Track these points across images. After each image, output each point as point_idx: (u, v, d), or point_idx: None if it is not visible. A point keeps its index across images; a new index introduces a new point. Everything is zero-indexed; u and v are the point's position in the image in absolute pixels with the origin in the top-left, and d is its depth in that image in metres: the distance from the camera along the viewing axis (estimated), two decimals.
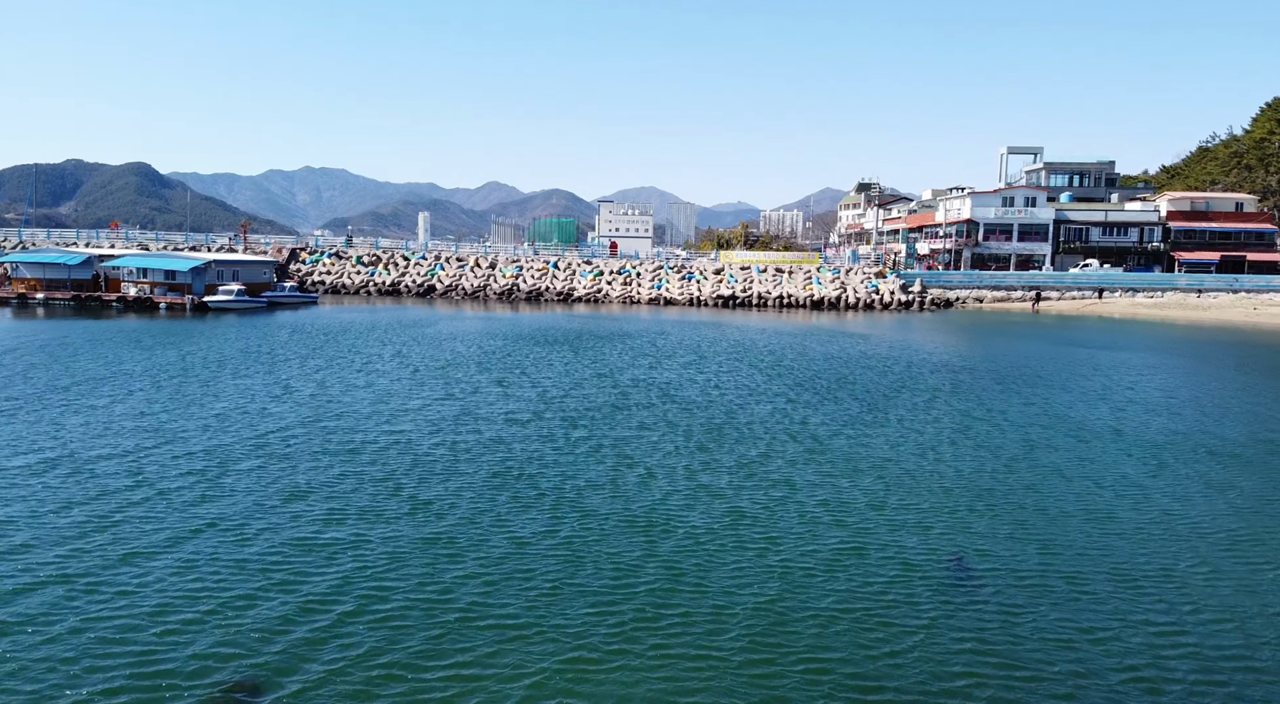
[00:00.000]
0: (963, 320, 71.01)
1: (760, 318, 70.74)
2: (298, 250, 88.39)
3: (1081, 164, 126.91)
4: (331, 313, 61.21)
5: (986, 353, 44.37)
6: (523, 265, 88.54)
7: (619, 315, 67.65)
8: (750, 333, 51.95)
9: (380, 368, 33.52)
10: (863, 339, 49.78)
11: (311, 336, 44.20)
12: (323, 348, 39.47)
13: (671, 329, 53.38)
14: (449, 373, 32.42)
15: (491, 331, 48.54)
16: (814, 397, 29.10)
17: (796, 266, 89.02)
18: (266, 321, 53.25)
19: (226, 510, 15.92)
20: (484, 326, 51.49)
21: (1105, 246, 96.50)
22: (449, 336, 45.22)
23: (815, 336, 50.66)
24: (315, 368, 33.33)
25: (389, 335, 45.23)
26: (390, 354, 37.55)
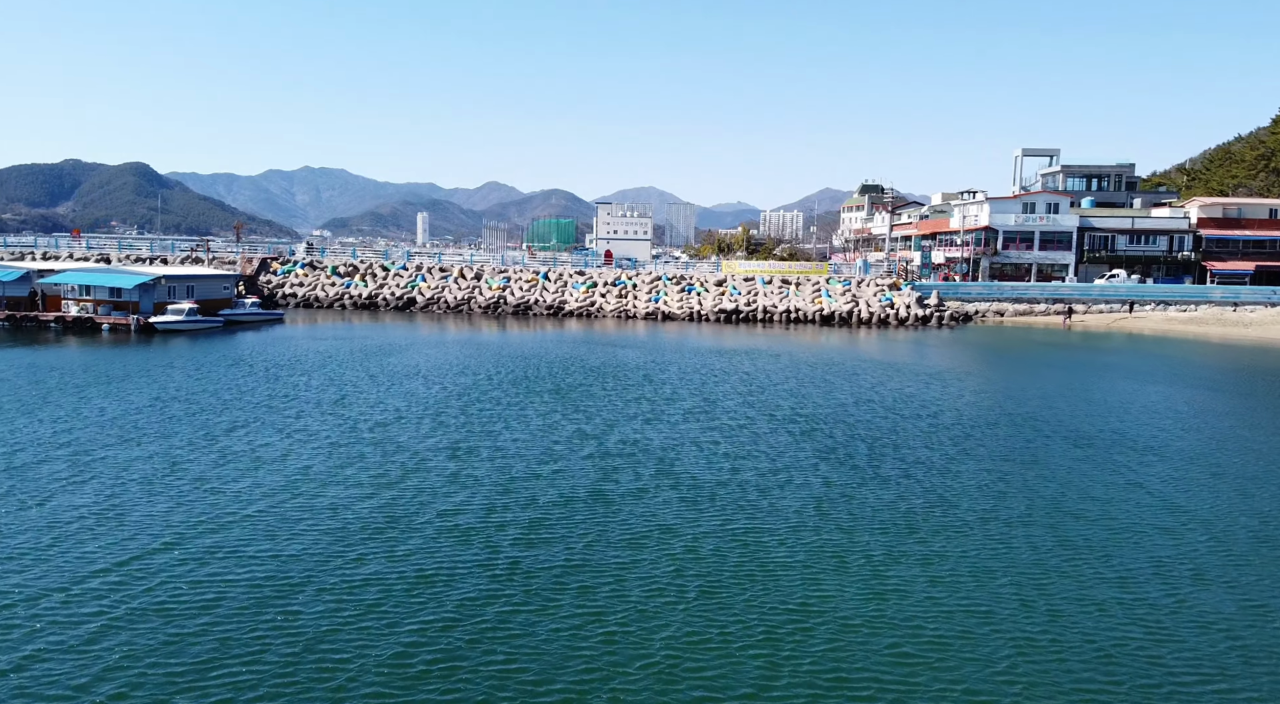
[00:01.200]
0: (988, 339, 65.03)
1: (766, 336, 64.78)
2: (268, 260, 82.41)
3: (1100, 167, 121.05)
4: (292, 336, 55.24)
5: (1037, 392, 38.35)
6: (511, 276, 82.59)
7: (613, 335, 61.70)
8: (761, 361, 45.95)
9: (309, 427, 27.53)
10: (890, 370, 43.77)
11: (252, 373, 38.22)
12: (254, 391, 33.47)
13: (671, 356, 47.42)
14: (392, 435, 26.38)
15: (465, 364, 42.56)
16: (857, 477, 22.95)
17: (804, 277, 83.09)
18: (213, 348, 47.27)
19: None
20: (458, 356, 45.51)
21: (1132, 256, 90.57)
22: (412, 372, 39.24)
23: (835, 367, 44.67)
24: (227, 426, 27.34)
25: (343, 370, 39.24)
26: (331, 401, 31.55)
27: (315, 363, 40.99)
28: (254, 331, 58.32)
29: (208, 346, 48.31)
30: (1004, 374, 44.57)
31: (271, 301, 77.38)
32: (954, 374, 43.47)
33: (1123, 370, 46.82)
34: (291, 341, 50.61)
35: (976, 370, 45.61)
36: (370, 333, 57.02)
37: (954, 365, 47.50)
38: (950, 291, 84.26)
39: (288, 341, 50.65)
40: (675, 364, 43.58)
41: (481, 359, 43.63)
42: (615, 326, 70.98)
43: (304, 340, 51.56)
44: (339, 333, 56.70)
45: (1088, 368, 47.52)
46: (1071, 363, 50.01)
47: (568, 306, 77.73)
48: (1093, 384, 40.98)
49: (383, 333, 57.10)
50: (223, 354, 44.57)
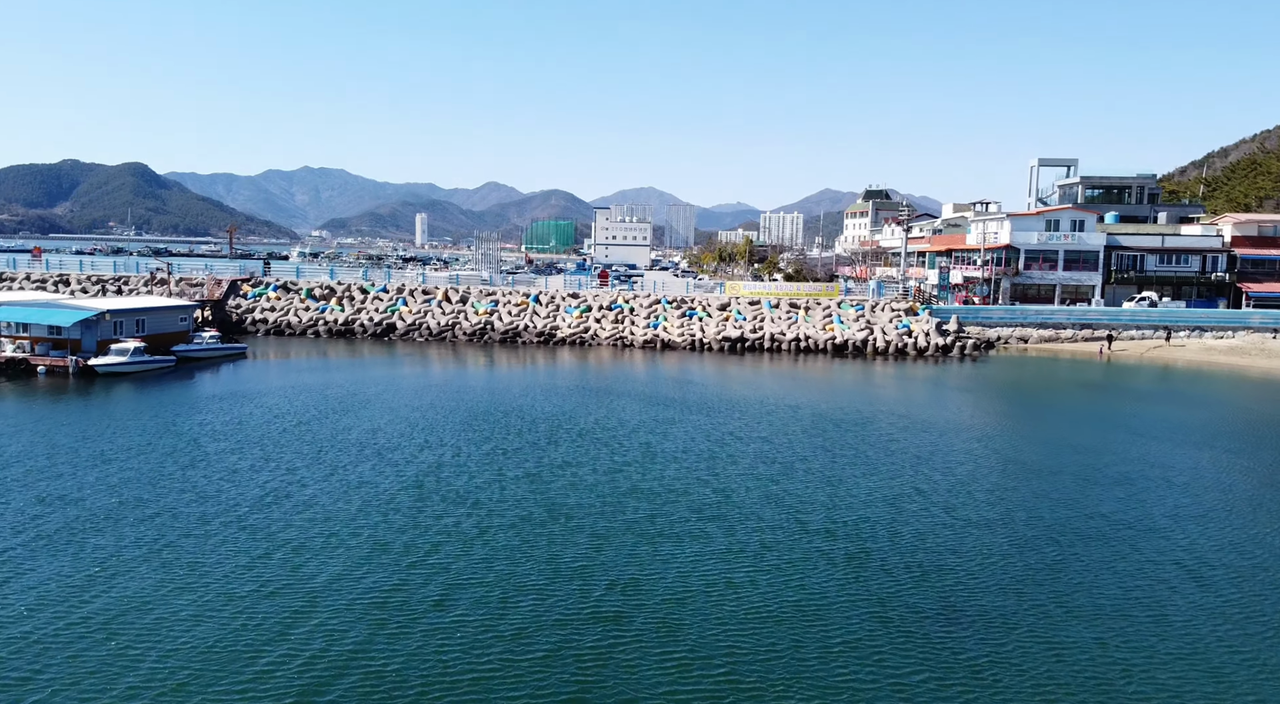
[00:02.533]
0: (1018, 374, 59.42)
1: (775, 370, 59.18)
2: (238, 282, 76.76)
3: (1122, 179, 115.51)
4: (247, 378, 49.61)
5: (1112, 466, 32.72)
6: (499, 299, 76.97)
7: (609, 372, 56.09)
8: (778, 420, 40.25)
9: (200, 559, 21.91)
10: (931, 432, 38.11)
11: (170, 447, 32.57)
12: (156, 485, 27.81)
13: (674, 411, 41.75)
14: (309, 576, 20.66)
15: (431, 429, 36.92)
16: (929, 634, 17.46)
17: (814, 300, 77.51)
18: (146, 400, 41.66)
19: None
20: (427, 416, 39.82)
21: (1162, 276, 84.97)
22: (365, 447, 33.59)
23: (862, 427, 39.03)
24: (57, 572, 21.66)
25: (285, 443, 33.57)
26: (250, 505, 25.82)
27: (256, 428, 35.36)
28: (210, 371, 52.74)
29: (142, 398, 42.73)
30: (1057, 430, 38.93)
31: (240, 328, 71.81)
32: (994, 426, 37.90)
33: (1173, 427, 41.23)
34: (242, 389, 44.99)
35: (1020, 423, 40.02)
36: (338, 374, 51.41)
37: (981, 419, 41.91)
38: (970, 316, 78.70)
39: (238, 390, 45.03)
40: (679, 425, 37.96)
41: (453, 420, 38.01)
42: (611, 358, 65.42)
43: (258, 387, 45.95)
44: (302, 374, 51.09)
45: (1132, 423, 41.93)
46: (1112, 415, 44.41)
47: (560, 333, 72.14)
48: (1147, 454, 35.41)
49: (352, 373, 51.49)
50: (157, 407, 38.94)
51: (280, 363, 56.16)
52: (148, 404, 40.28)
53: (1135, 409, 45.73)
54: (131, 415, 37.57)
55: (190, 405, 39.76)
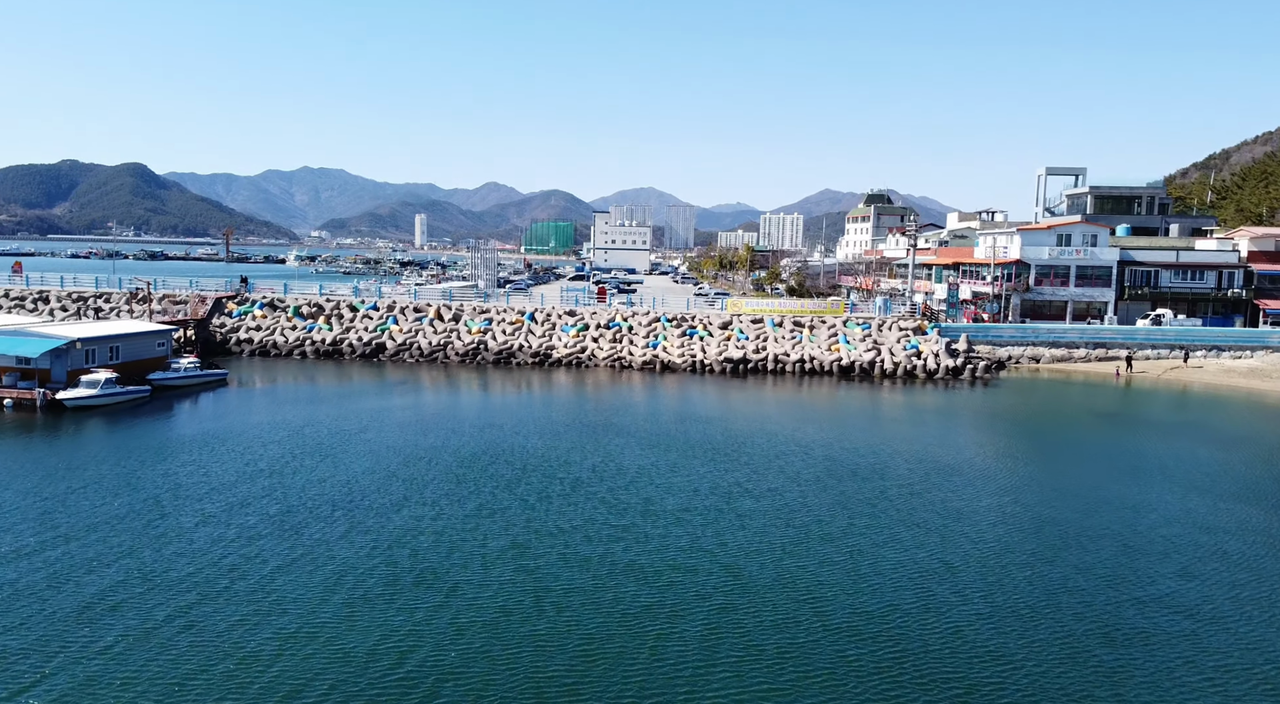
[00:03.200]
0: (1033, 402, 56.74)
1: (780, 395, 56.56)
2: (223, 300, 74.01)
3: (1132, 189, 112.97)
4: (222, 413, 46.90)
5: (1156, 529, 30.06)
6: (493, 318, 74.26)
7: (606, 399, 53.44)
8: (791, 465, 37.60)
9: (94, 674, 19.28)
10: (952, 483, 35.45)
11: (125, 508, 29.89)
12: (97, 564, 25.13)
13: (676, 455, 39.10)
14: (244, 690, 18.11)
15: (412, 478, 34.27)
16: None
17: (818, 318, 74.85)
18: (110, 443, 38.97)
19: None
20: (407, 461, 37.21)
21: (1178, 293, 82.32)
22: (339, 504, 30.95)
23: (879, 471, 36.38)
24: None
25: (253, 497, 30.91)
26: (201, 589, 23.14)
27: (224, 480, 32.66)
28: (187, 401, 50.07)
29: (107, 440, 40.08)
30: (1091, 474, 36.30)
31: (224, 349, 69.10)
32: (1013, 488, 35.27)
33: (1211, 474, 38.64)
34: (215, 428, 42.28)
35: (1032, 476, 37.36)
36: (321, 407, 48.71)
37: (1003, 464, 39.29)
38: (980, 334, 76.06)
39: (211, 429, 42.32)
40: (682, 472, 35.28)
41: (437, 467, 35.34)
42: (609, 382, 62.80)
43: (233, 424, 43.26)
44: (283, 407, 48.40)
45: (1166, 468, 39.32)
46: (1141, 457, 41.81)
47: (556, 353, 69.43)
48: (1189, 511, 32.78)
49: (336, 406, 48.80)
50: (113, 461, 36.21)
51: (262, 392, 53.45)
52: (111, 448, 37.60)
53: (1164, 449, 43.09)
54: (91, 462, 34.88)
55: (156, 451, 37.04)
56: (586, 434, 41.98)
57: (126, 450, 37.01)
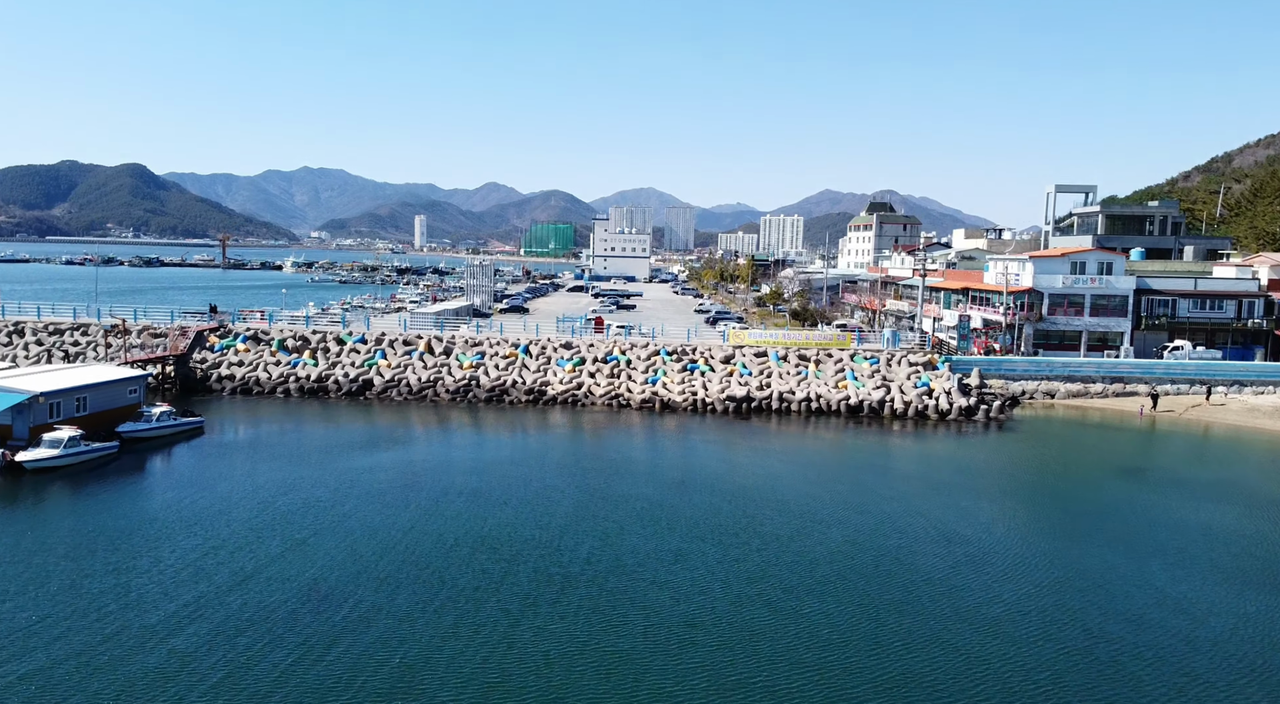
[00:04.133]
0: (1055, 452, 53.83)
1: (785, 441, 53.72)
2: (204, 333, 71.11)
3: (1146, 209, 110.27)
4: (189, 478, 44.04)
5: (1234, 650, 27.26)
6: (486, 351, 71.37)
7: (603, 447, 50.59)
8: (807, 545, 34.77)
9: None
10: (985, 578, 32.58)
11: (58, 632, 27.06)
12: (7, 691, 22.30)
13: (679, 536, 36.26)
14: None
15: (392, 561, 31.43)
16: None
17: (824, 351, 72.00)
18: (63, 521, 36.13)
19: None
20: (386, 538, 34.41)
21: (1196, 322, 79.45)
22: (303, 599, 28.07)
23: (912, 567, 33.50)
24: None
25: (203, 605, 28.04)
26: None
27: (175, 577, 29.80)
28: (158, 457, 47.27)
29: (59, 515, 37.29)
30: (1135, 558, 33.47)
31: (205, 386, 66.24)
32: (1056, 584, 32.44)
33: (1265, 560, 35.83)
34: (178, 501, 39.39)
35: (1071, 563, 34.51)
36: (298, 468, 45.88)
37: (1036, 544, 36.45)
38: (993, 368, 73.25)
39: (172, 501, 39.43)
40: (688, 561, 32.43)
41: (415, 557, 32.50)
42: (606, 423, 60.04)
43: (198, 493, 40.40)
44: (257, 467, 45.55)
45: (1214, 551, 36.52)
46: (1183, 533, 39.03)
47: (550, 390, 66.59)
48: (1257, 611, 29.96)
49: (315, 467, 45.95)
50: (64, 549, 33.37)
51: (237, 445, 50.52)
52: (63, 532, 34.73)
53: (1203, 519, 40.22)
54: (39, 550, 32.00)
55: (109, 537, 34.10)
56: (582, 506, 39.02)
57: (79, 533, 34.10)
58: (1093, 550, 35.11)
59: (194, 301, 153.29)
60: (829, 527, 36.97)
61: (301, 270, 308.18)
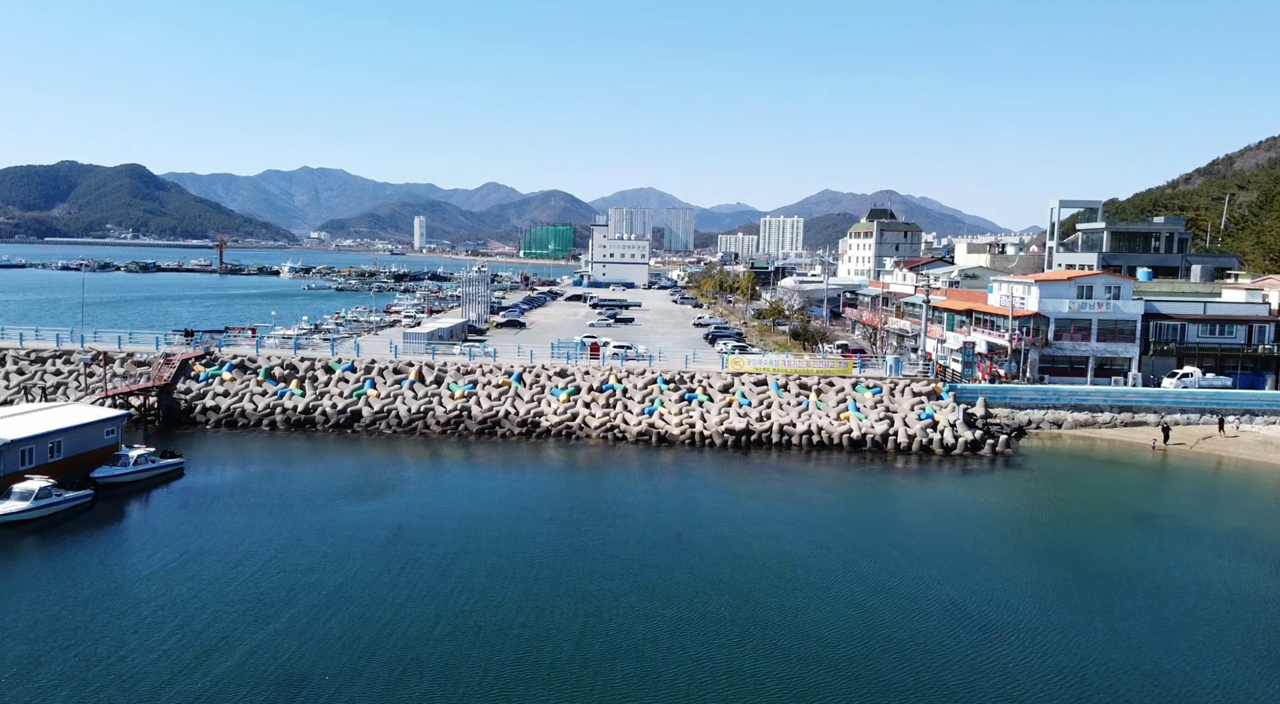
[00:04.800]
0: (1064, 493, 52.07)
1: (787, 478, 51.99)
2: (189, 362, 69.31)
3: (1151, 225, 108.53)
4: (162, 533, 42.25)
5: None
6: (478, 380, 69.58)
7: (599, 481, 48.88)
8: (816, 624, 32.98)
9: None
10: (1010, 655, 30.78)
11: None
12: None
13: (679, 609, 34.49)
14: None
15: (357, 652, 29.67)
16: None
17: (824, 380, 70.24)
18: (18, 594, 34.36)
19: None
20: (355, 623, 32.63)
21: (1205, 348, 77.64)
22: (274, 688, 26.32)
23: (939, 651, 31.73)
24: None
25: (153, 693, 26.29)
26: None
27: (132, 665, 28.03)
28: (134, 505, 45.57)
29: (19, 582, 35.52)
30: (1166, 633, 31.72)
31: (189, 418, 64.43)
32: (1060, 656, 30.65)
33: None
34: (146, 566, 37.59)
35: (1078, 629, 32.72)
36: (277, 514, 44.16)
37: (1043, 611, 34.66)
38: (998, 396, 71.51)
39: (141, 565, 37.63)
40: (685, 641, 30.64)
41: (389, 637, 30.74)
42: (601, 452, 58.59)
43: (168, 554, 38.63)
44: (234, 519, 43.78)
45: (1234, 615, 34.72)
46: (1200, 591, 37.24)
47: (544, 421, 64.77)
48: None
49: (294, 515, 44.23)
50: (16, 624, 31.62)
51: (217, 491, 48.58)
52: (25, 602, 32.97)
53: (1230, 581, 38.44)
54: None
55: (75, 610, 32.33)
56: (575, 570, 37.14)
57: (41, 606, 32.31)
58: (1115, 623, 33.31)
59: (187, 314, 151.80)
60: (835, 594, 35.15)
61: (298, 276, 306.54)
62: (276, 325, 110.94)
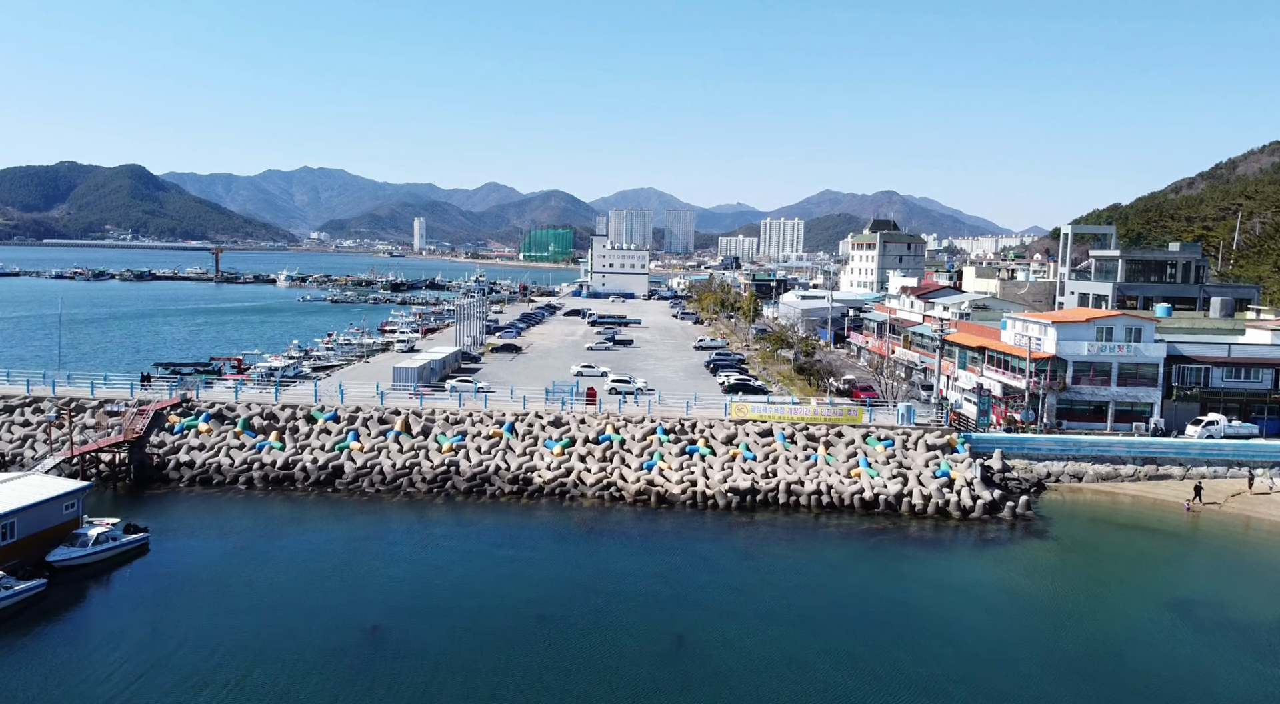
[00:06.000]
0: (1090, 564, 48.72)
1: (795, 556, 48.42)
2: (165, 411, 65.81)
3: (1167, 254, 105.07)
4: (119, 628, 38.85)
5: None
6: (468, 430, 66.12)
7: (596, 554, 45.41)
8: None
9: None
10: None
11: None
12: None
13: None
14: None
15: None
16: None
17: (832, 430, 66.82)
18: None
19: None
20: None
21: (1230, 393, 74.08)
22: None
23: None
24: None
25: None
26: None
27: None
28: (91, 593, 42.24)
29: None
30: None
31: (161, 475, 60.95)
32: None
33: None
34: (104, 665, 34.15)
35: None
36: (250, 597, 40.76)
37: None
38: (1015, 447, 68.09)
39: (95, 673, 34.18)
40: None
41: None
42: (596, 514, 55.30)
43: (131, 642, 35.23)
44: (197, 613, 40.41)
45: None
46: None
47: (536, 478, 61.30)
48: None
49: (269, 603, 40.84)
50: None
51: (184, 573, 45.07)
52: None
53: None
54: None
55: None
56: (568, 698, 33.69)
57: None
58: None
59: (177, 333, 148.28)
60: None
61: (295, 284, 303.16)
62: (265, 353, 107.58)
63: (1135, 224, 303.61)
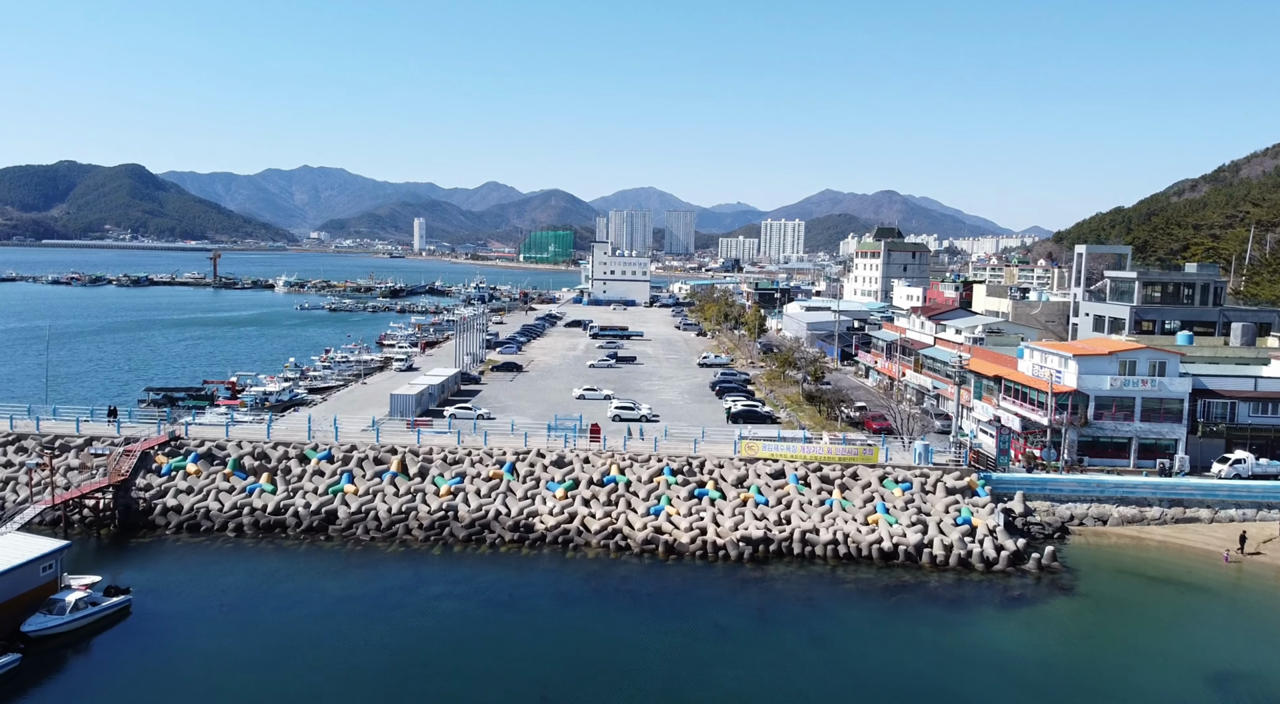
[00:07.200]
0: (1123, 627, 46.08)
1: (812, 610, 45.69)
2: (152, 452, 63.18)
3: (1185, 275, 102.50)
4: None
5: None
6: (466, 472, 63.51)
7: (601, 617, 42.76)
8: None
9: None
10: None
11: None
12: None
13: None
14: None
15: None
16: None
17: (847, 471, 64.23)
18: None
19: None
20: None
21: (1258, 429, 71.50)
22: None
23: None
24: None
25: None
26: None
27: None
28: (69, 666, 39.68)
29: None
30: None
31: (147, 521, 58.34)
32: None
33: None
34: None
35: None
36: (232, 681, 38.12)
37: None
38: (1037, 488, 65.54)
39: None
40: None
41: None
42: (603, 576, 52.35)
43: None
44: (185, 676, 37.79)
45: None
46: None
47: (539, 524, 58.70)
48: None
49: (253, 685, 38.18)
50: None
51: (166, 642, 42.51)
52: None
53: None
54: None
55: None
56: None
57: None
58: None
59: (171, 349, 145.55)
60: None
61: (293, 291, 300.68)
62: (260, 375, 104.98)
63: (1140, 231, 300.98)
